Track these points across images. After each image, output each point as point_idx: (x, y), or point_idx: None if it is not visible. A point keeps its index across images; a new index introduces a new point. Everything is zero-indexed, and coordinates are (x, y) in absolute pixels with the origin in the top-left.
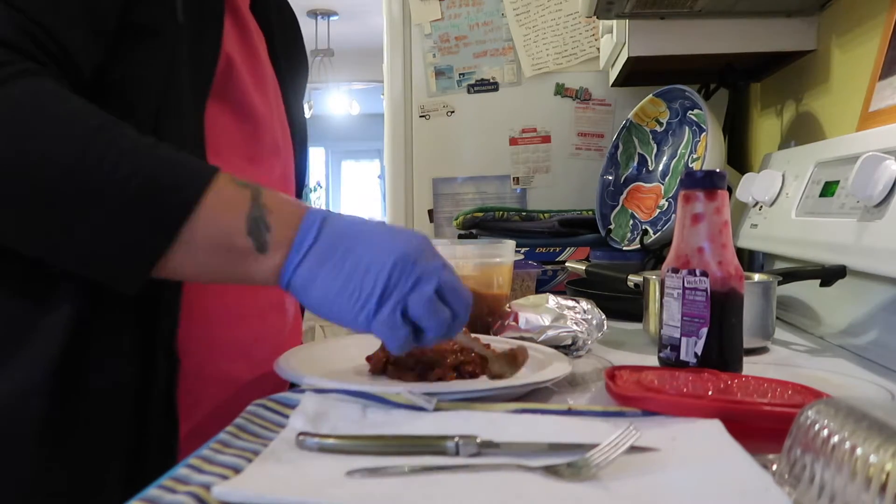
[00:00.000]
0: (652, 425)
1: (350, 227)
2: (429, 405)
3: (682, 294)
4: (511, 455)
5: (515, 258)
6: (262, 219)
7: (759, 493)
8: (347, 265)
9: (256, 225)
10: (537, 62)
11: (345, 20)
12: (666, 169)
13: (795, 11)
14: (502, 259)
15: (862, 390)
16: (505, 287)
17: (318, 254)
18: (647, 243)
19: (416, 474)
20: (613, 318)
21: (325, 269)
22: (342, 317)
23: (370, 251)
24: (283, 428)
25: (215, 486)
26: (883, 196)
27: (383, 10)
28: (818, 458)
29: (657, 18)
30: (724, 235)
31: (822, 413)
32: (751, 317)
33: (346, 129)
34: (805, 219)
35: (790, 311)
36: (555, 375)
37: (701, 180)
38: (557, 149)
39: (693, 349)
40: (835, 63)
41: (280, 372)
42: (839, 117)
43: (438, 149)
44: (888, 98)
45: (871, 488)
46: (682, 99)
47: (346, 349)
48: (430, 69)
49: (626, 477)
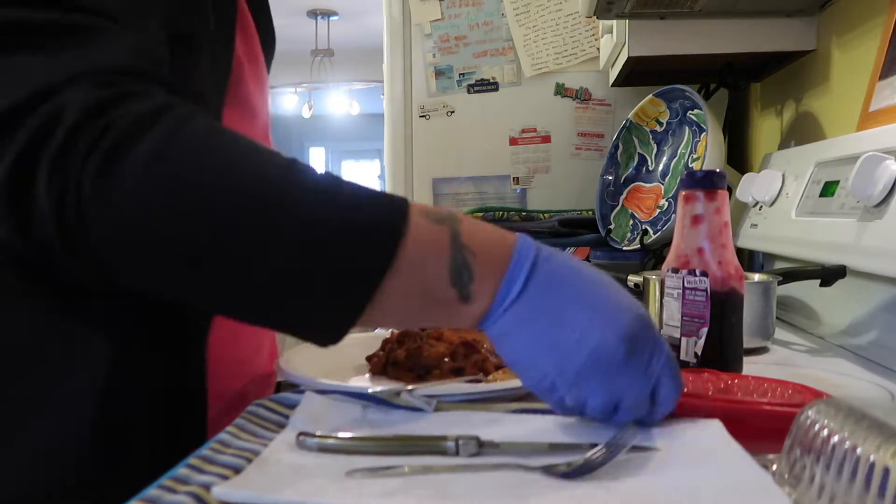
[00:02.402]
0: (652, 425)
1: (563, 279)
2: (429, 407)
3: (682, 294)
4: (511, 455)
5: None
6: (465, 265)
7: (759, 493)
8: (554, 329)
9: (459, 274)
10: (537, 62)
11: (345, 20)
12: (666, 169)
13: (795, 11)
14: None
15: (862, 390)
16: None
17: (523, 309)
18: (647, 243)
19: (416, 474)
20: None
21: (530, 327)
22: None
23: (583, 318)
24: (283, 428)
25: (215, 486)
26: (883, 196)
27: (383, 10)
28: (818, 458)
29: (657, 18)
30: (724, 235)
31: (822, 413)
32: (751, 317)
33: (346, 129)
34: (805, 219)
35: (790, 311)
36: None
37: (701, 180)
38: (557, 149)
39: (693, 349)
40: (835, 63)
41: (280, 372)
42: (839, 117)
43: (438, 149)
44: (888, 98)
45: (871, 488)
46: (682, 99)
47: (347, 349)
48: (430, 69)
49: (626, 477)
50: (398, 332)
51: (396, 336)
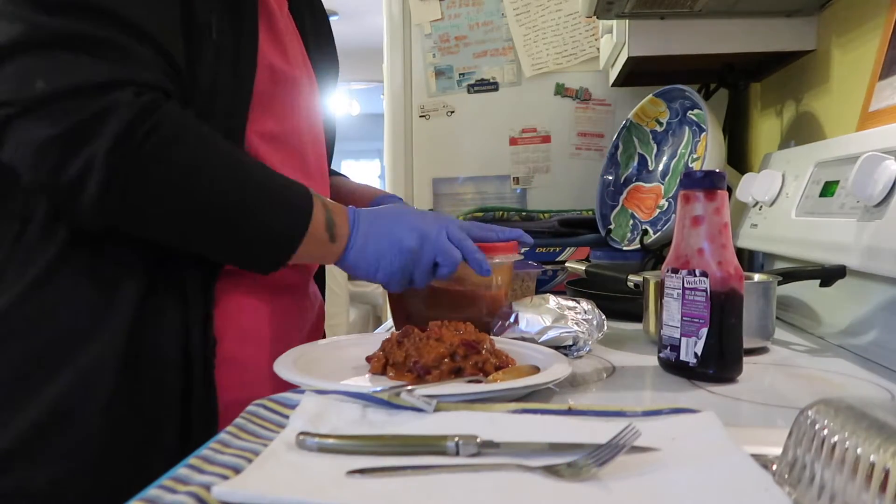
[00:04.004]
0: (652, 425)
1: (374, 218)
2: (429, 407)
3: (681, 294)
4: (511, 455)
5: (515, 258)
6: (331, 221)
7: (759, 493)
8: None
9: (330, 225)
10: (537, 62)
11: (345, 20)
12: (666, 169)
13: (795, 11)
14: (501, 259)
15: (862, 390)
16: (504, 287)
17: (361, 238)
18: (647, 243)
19: (416, 474)
20: (613, 318)
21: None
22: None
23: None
24: (283, 428)
25: (215, 486)
26: (883, 196)
27: (383, 10)
28: (818, 458)
29: (657, 18)
30: (724, 236)
31: (822, 413)
32: (751, 317)
33: (346, 129)
34: (805, 219)
35: (790, 311)
36: (555, 377)
37: (701, 180)
38: (557, 149)
39: (693, 349)
40: (835, 63)
41: (280, 373)
42: (839, 117)
43: (438, 149)
44: (888, 98)
45: (871, 488)
46: (682, 99)
47: (346, 349)
48: (430, 69)
49: (626, 477)
50: (398, 333)
51: (396, 336)
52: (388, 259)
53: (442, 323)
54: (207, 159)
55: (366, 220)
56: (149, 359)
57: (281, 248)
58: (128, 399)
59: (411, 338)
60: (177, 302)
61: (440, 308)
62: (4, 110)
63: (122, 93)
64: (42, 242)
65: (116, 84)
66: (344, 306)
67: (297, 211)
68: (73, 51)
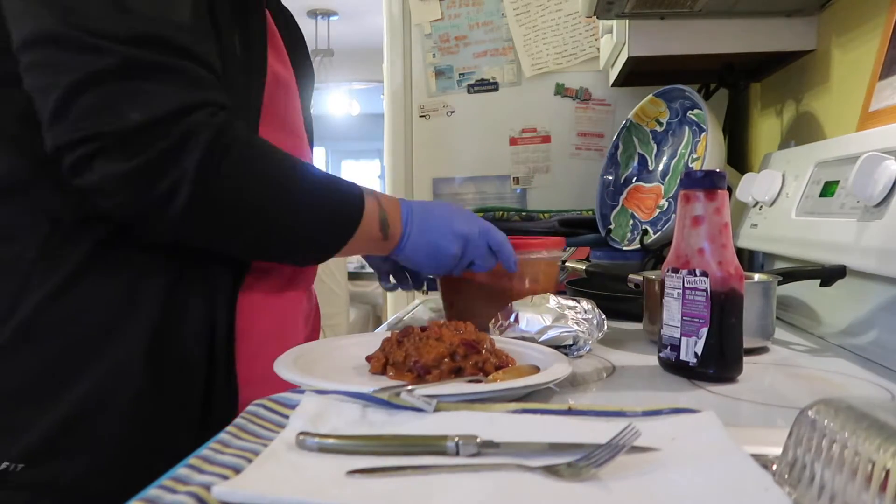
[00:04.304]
0: (652, 425)
1: (427, 213)
2: (429, 407)
3: (682, 294)
4: (511, 455)
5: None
6: (386, 219)
7: (759, 493)
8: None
9: (384, 224)
10: (537, 62)
11: (345, 20)
12: (666, 169)
13: (795, 11)
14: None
15: (862, 390)
16: (542, 282)
17: (414, 237)
18: (647, 243)
19: (416, 474)
20: (613, 318)
21: (419, 243)
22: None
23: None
24: (283, 428)
25: (215, 486)
26: (883, 196)
27: (383, 10)
28: (818, 458)
29: (657, 18)
30: (724, 235)
31: (822, 413)
32: (751, 317)
33: (346, 129)
34: (805, 219)
35: (790, 311)
36: (555, 377)
37: (701, 180)
38: (557, 149)
39: (693, 349)
40: (835, 63)
41: (280, 373)
42: (839, 117)
43: (438, 149)
44: (888, 98)
45: (871, 488)
46: (682, 99)
47: (346, 349)
48: (430, 69)
49: (626, 477)
50: (398, 333)
51: (396, 336)
52: (437, 260)
53: (442, 323)
54: (276, 168)
55: (418, 217)
56: (173, 356)
57: (327, 250)
58: (152, 395)
59: (411, 337)
60: (203, 300)
61: (479, 300)
62: (94, 144)
63: (199, 114)
64: (71, 243)
65: (193, 107)
66: (344, 306)
67: (347, 219)
68: (149, 80)
